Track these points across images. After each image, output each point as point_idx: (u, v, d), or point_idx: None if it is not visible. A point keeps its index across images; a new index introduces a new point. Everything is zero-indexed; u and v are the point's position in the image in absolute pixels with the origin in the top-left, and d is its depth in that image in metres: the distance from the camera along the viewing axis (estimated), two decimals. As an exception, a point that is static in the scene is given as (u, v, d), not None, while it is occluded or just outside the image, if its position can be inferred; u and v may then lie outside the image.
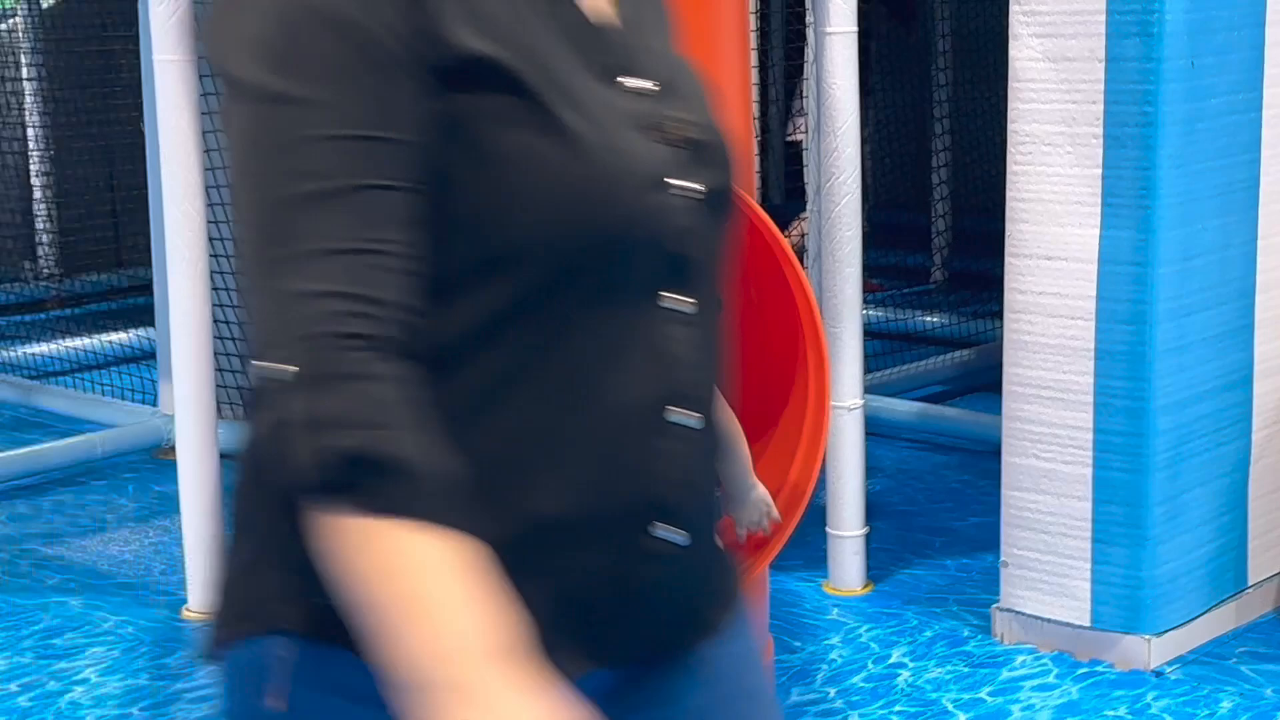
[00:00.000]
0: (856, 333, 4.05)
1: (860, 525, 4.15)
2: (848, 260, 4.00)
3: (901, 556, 4.45)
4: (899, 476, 5.17)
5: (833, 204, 3.99)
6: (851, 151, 3.98)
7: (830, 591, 4.18)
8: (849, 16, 3.93)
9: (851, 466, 4.10)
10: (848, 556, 4.17)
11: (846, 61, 3.94)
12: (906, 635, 3.94)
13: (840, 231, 4.00)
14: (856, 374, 4.06)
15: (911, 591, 4.21)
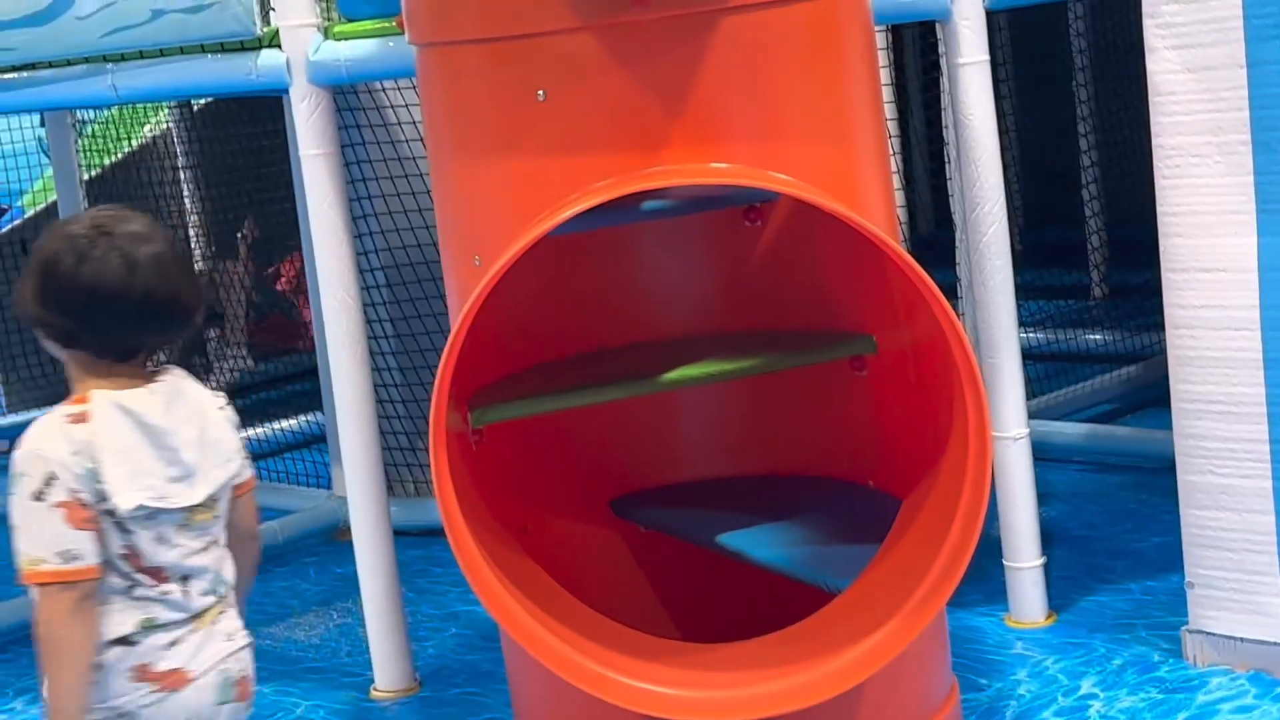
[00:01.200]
0: (1015, 361, 4.00)
1: (1037, 555, 4.09)
2: (1000, 289, 3.96)
3: (1083, 583, 4.37)
4: (1073, 501, 5.08)
5: (979, 234, 3.96)
6: (994, 180, 3.94)
7: (1012, 625, 4.12)
8: (980, 47, 3.90)
9: (1022, 496, 4.04)
10: (1027, 588, 4.11)
11: (981, 91, 3.92)
12: (1095, 664, 3.87)
13: (990, 260, 3.96)
14: (1019, 403, 4.01)
15: (1096, 619, 4.13)
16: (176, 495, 2.57)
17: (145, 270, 2.53)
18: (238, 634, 2.70)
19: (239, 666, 2.68)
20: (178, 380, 2.64)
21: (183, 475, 2.58)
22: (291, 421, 6.98)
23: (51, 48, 4.13)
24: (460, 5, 3.19)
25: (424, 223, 5.31)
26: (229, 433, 2.68)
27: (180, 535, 2.59)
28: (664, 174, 3.09)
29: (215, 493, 2.63)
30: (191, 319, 2.64)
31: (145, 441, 2.55)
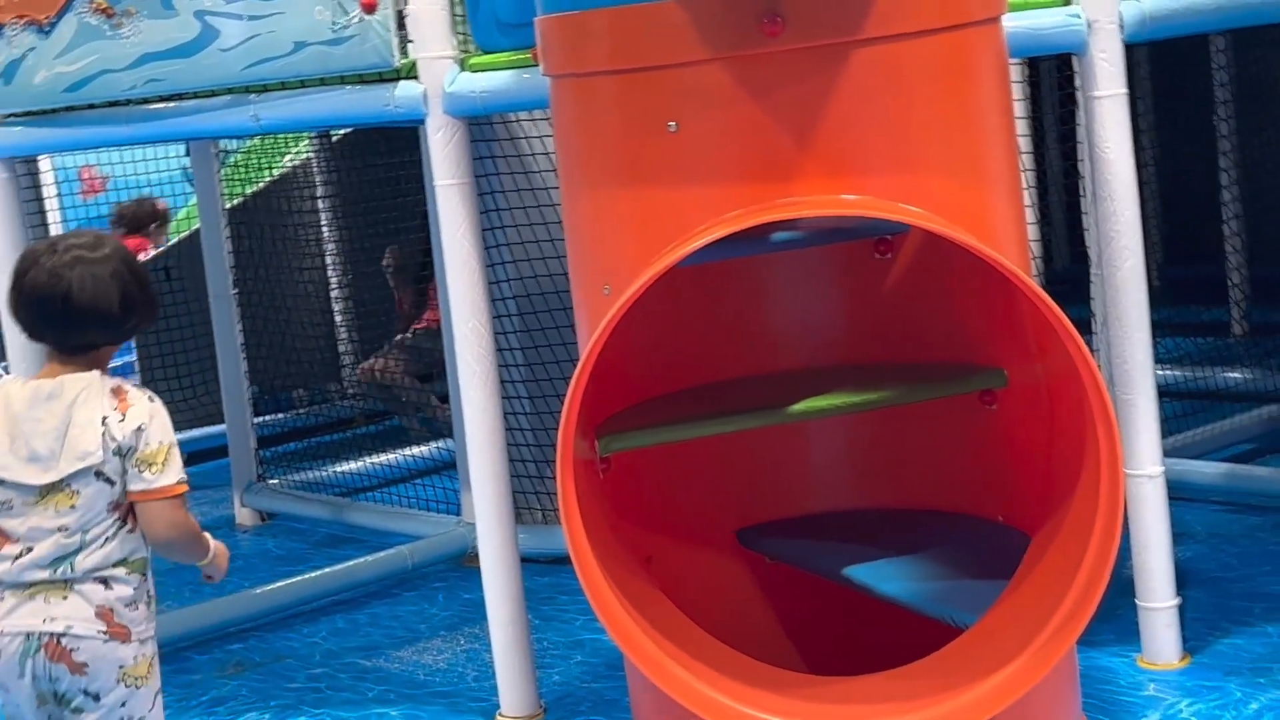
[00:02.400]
0: (1151, 398, 3.94)
1: (1171, 596, 4.01)
2: (1136, 325, 3.91)
3: (1219, 625, 4.28)
4: (1210, 541, 4.98)
5: (1115, 268, 3.91)
6: (1131, 214, 3.89)
7: (1145, 666, 4.05)
8: (1118, 79, 3.86)
9: (1156, 536, 3.97)
10: (1161, 629, 4.03)
11: (1118, 124, 3.87)
12: (1231, 709, 3.79)
13: (1125, 295, 3.91)
14: (1154, 440, 3.95)
15: (1232, 662, 4.04)
16: (21, 472, 2.99)
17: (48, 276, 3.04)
18: (66, 621, 3.00)
19: (50, 642, 2.99)
20: (70, 381, 3.03)
21: (31, 458, 2.99)
22: (423, 448, 7.07)
23: (197, 78, 4.23)
24: (594, 37, 3.22)
25: (555, 252, 5.35)
26: (89, 436, 2.99)
27: (31, 510, 3.01)
28: (794, 205, 3.09)
29: (66, 480, 2.99)
30: (88, 323, 3.04)
31: (15, 420, 3.03)
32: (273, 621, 5.20)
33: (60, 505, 3.00)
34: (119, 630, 3.03)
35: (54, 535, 3.00)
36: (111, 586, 3.03)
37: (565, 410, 3.09)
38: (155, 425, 3.02)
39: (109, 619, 3.02)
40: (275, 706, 4.51)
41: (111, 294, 3.03)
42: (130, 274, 3.06)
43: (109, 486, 3.01)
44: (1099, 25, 3.82)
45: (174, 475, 3.03)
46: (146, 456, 3.00)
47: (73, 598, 3.00)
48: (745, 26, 3.03)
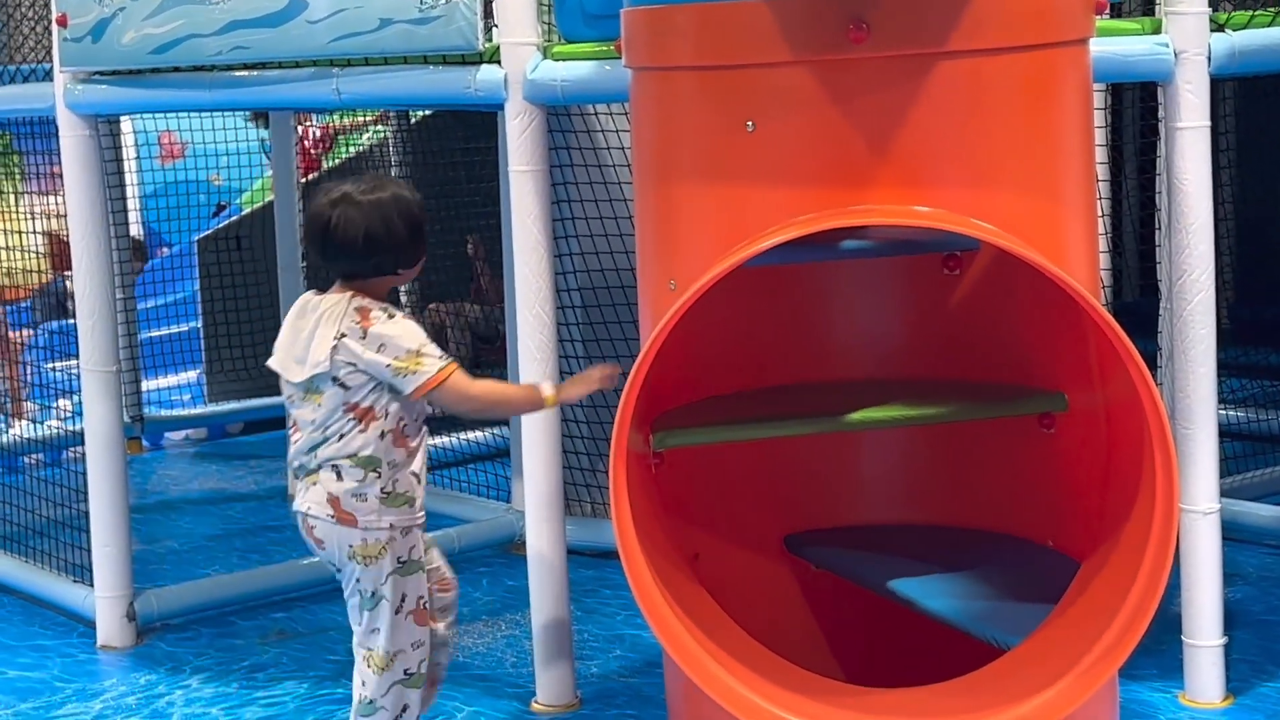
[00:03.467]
0: (1211, 434, 3.91)
1: (1218, 634, 3.98)
2: (1201, 359, 3.87)
3: (1264, 668, 4.24)
4: (1261, 584, 4.94)
5: (1185, 302, 3.88)
6: (1205, 248, 3.86)
7: (1186, 703, 4.01)
8: (1202, 112, 3.83)
9: (1208, 573, 3.94)
10: (1205, 667, 4.00)
11: (1199, 156, 3.84)
12: (1270, 752, 3.76)
13: (1193, 330, 3.88)
14: (1212, 477, 3.92)
15: (1275, 706, 4.00)
16: (291, 370, 3.48)
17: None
18: (308, 504, 3.48)
19: (302, 519, 3.51)
20: (326, 300, 3.49)
21: (297, 359, 3.47)
22: (478, 433, 7.09)
23: (282, 48, 4.26)
24: (678, 32, 3.23)
25: (623, 247, 5.36)
26: (321, 347, 3.41)
27: (301, 404, 3.49)
28: (866, 213, 3.09)
29: (312, 382, 3.44)
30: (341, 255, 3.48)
31: (287, 327, 3.55)
32: (318, 594, 5.23)
33: (313, 402, 3.45)
34: (345, 516, 3.45)
35: (309, 427, 3.46)
36: (341, 478, 3.44)
37: (622, 402, 3.09)
38: (398, 337, 3.40)
39: (336, 505, 3.45)
40: (314, 677, 4.54)
41: (357, 232, 3.42)
42: (384, 218, 3.44)
43: (343, 390, 3.41)
44: (1187, 56, 3.79)
45: (431, 366, 3.39)
46: (400, 365, 3.38)
47: (315, 485, 3.47)
48: (831, 31, 3.03)
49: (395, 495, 3.47)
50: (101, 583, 4.87)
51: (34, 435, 6.83)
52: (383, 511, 3.46)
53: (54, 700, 4.46)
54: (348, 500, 3.45)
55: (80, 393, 4.92)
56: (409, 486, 3.49)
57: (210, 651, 4.79)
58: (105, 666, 4.72)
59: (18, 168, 8.67)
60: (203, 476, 7.00)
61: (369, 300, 3.46)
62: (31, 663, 4.75)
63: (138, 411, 7.31)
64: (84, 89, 4.77)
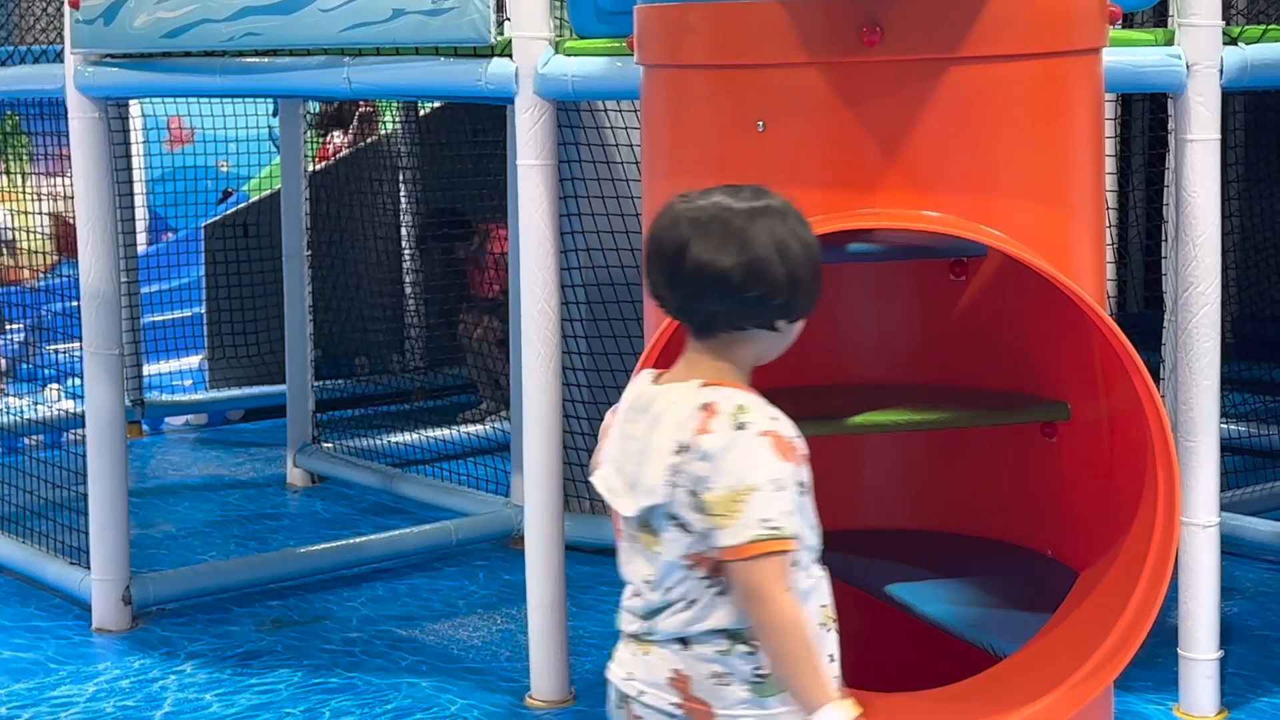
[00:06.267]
0: (1213, 447, 3.91)
1: (1215, 648, 3.98)
2: (1204, 373, 3.87)
3: (1259, 684, 4.24)
4: (1259, 599, 4.94)
5: (1190, 314, 3.88)
6: (1211, 261, 3.86)
7: (1181, 716, 4.01)
8: (1212, 124, 3.83)
9: (1205, 586, 3.93)
10: (1200, 680, 3.99)
11: (1208, 169, 3.84)
12: (1263, 767, 3.76)
13: (1197, 343, 3.88)
14: (1212, 490, 3.91)
15: (1269, 721, 4.01)
16: (619, 498, 2.41)
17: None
18: (639, 685, 2.41)
19: (627, 703, 2.44)
20: (666, 392, 2.40)
21: (627, 483, 2.40)
22: (478, 427, 7.10)
23: (294, 36, 4.26)
24: (691, 30, 3.22)
25: (629, 244, 5.36)
26: (654, 466, 2.34)
27: (631, 546, 2.42)
28: (874, 216, 3.08)
29: (645, 518, 2.38)
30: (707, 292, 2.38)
31: (616, 429, 2.46)
32: (314, 583, 5.24)
33: (648, 547, 2.39)
34: (697, 706, 2.38)
35: (646, 587, 2.40)
36: (698, 653, 2.37)
37: (625, 398, 3.09)
38: (730, 459, 2.31)
39: (684, 689, 2.38)
40: (308, 666, 4.54)
41: (731, 254, 2.35)
42: (776, 238, 2.39)
43: (684, 535, 2.35)
44: (1199, 68, 3.79)
45: (746, 531, 2.28)
46: (710, 503, 2.31)
47: (655, 654, 2.40)
48: (845, 34, 3.03)
49: (771, 680, 2.37)
50: (98, 566, 4.87)
51: (34, 416, 6.83)
52: (755, 703, 2.38)
53: (48, 682, 4.46)
54: (703, 683, 2.37)
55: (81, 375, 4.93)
56: None
57: (205, 637, 4.79)
58: (100, 649, 4.72)
59: (25, 149, 8.67)
60: (202, 462, 7.01)
61: (723, 388, 2.39)
62: (26, 644, 4.75)
63: (139, 396, 7.31)
64: (94, 71, 4.77)
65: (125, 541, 4.89)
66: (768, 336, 2.45)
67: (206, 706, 4.26)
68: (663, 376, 2.44)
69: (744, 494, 2.28)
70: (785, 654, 2.32)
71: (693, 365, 2.42)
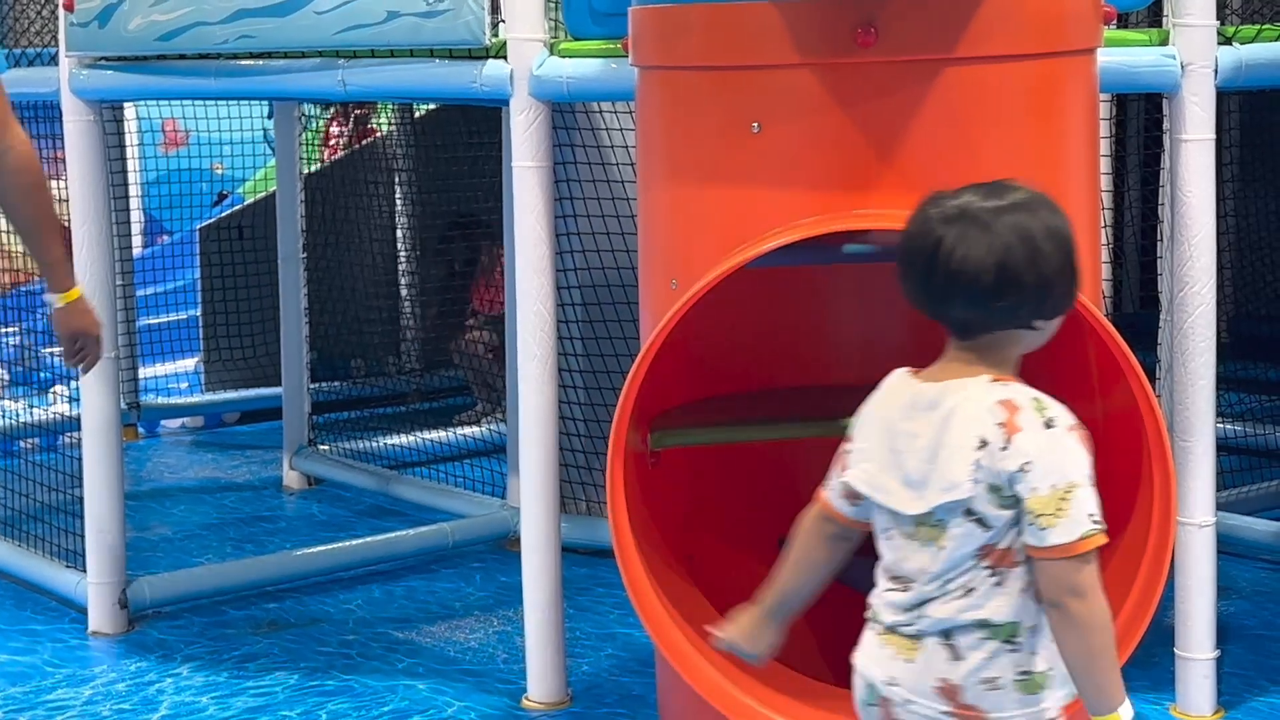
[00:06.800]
0: (1209, 447, 3.91)
1: (1211, 648, 3.98)
2: (1200, 373, 3.87)
3: (1256, 683, 4.24)
4: (1255, 599, 4.94)
5: (1186, 315, 3.88)
6: (1207, 261, 3.86)
7: (1178, 716, 4.01)
8: (1207, 124, 3.83)
9: (1202, 586, 3.93)
10: (1197, 680, 3.99)
11: (1203, 169, 3.84)
12: (1259, 767, 3.76)
13: (1193, 343, 3.88)
14: (1208, 490, 3.91)
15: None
16: (897, 497, 2.42)
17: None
18: (905, 692, 2.42)
19: (885, 708, 2.45)
20: (953, 388, 2.41)
21: (906, 481, 2.42)
22: (474, 429, 7.10)
23: (288, 38, 4.26)
24: (686, 31, 3.22)
25: (624, 246, 5.36)
26: (957, 463, 2.35)
27: (905, 543, 2.44)
28: (870, 217, 3.09)
29: (935, 514, 2.38)
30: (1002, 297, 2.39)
31: (878, 427, 2.48)
32: (310, 585, 5.24)
33: (929, 543, 2.41)
34: (968, 713, 2.39)
35: (920, 578, 2.42)
36: (961, 655, 2.39)
37: (621, 401, 3.09)
38: (1050, 458, 2.34)
39: (954, 698, 2.39)
40: (304, 669, 4.53)
41: (984, 257, 2.36)
42: (1027, 238, 2.38)
43: (979, 529, 2.37)
44: (1193, 68, 3.79)
45: (1077, 528, 2.32)
46: (1034, 505, 2.33)
47: (919, 660, 2.41)
48: (839, 35, 3.03)
49: (1036, 677, 2.41)
50: (94, 569, 4.87)
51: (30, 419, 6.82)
52: (1024, 701, 2.41)
53: (44, 685, 4.46)
54: (974, 690, 2.38)
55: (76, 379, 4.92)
56: (1050, 659, 2.41)
57: (201, 640, 4.78)
58: (96, 653, 4.71)
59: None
60: (198, 465, 7.00)
61: (1011, 383, 2.43)
62: (22, 647, 4.75)
63: (134, 398, 7.30)
64: (89, 74, 4.77)
65: (121, 544, 4.88)
66: (1028, 334, 2.46)
67: (203, 709, 4.25)
68: (929, 373, 2.47)
69: (1069, 492, 2.32)
70: (1095, 650, 2.35)
71: (961, 363, 2.44)
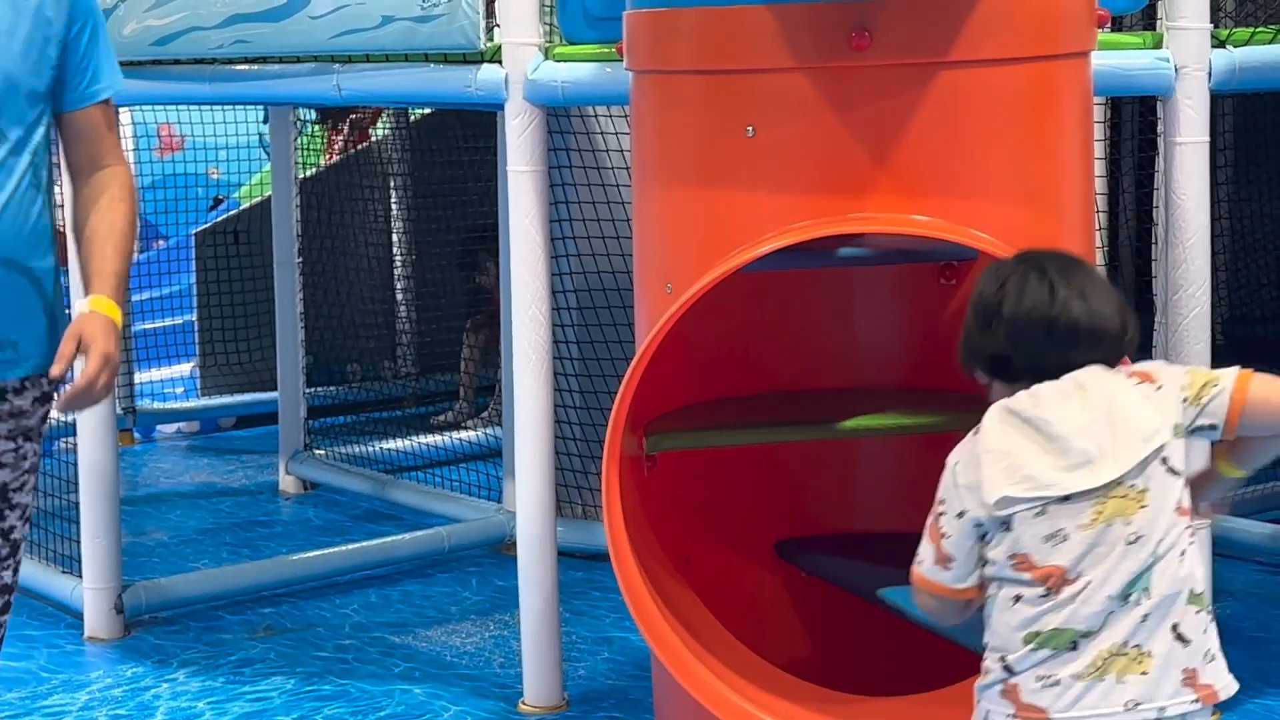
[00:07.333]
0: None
1: (1206, 650, 3.97)
2: (1195, 374, 3.87)
3: (1251, 685, 4.24)
4: (1250, 600, 4.94)
5: (1180, 316, 3.88)
6: (1201, 264, 3.87)
7: (1173, 718, 4.01)
8: (1201, 127, 3.84)
9: (1197, 588, 3.93)
10: (1193, 682, 3.99)
11: (1196, 172, 3.85)
12: (1255, 769, 3.76)
13: (1188, 345, 3.88)
14: (1204, 492, 3.91)
15: (1262, 722, 4.01)
16: (1072, 480, 2.36)
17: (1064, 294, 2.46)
18: (1161, 700, 2.36)
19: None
20: (1082, 373, 2.45)
21: (1079, 464, 2.37)
22: (470, 433, 7.10)
23: (283, 43, 4.26)
24: (681, 35, 3.23)
25: (620, 250, 5.36)
26: (1145, 410, 2.39)
27: (1081, 530, 2.35)
28: (864, 220, 3.09)
29: (1130, 476, 2.35)
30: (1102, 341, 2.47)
31: (1062, 410, 2.41)
32: (306, 590, 5.23)
33: (1124, 509, 2.36)
34: (1207, 691, 2.42)
35: (1122, 550, 2.35)
36: (1186, 637, 2.39)
37: (616, 404, 3.09)
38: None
39: (1194, 680, 2.40)
40: (301, 673, 4.53)
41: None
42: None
43: (1176, 479, 2.38)
44: (1187, 71, 3.80)
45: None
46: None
47: (1143, 667, 2.36)
48: (833, 39, 3.04)
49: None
50: (90, 574, 4.86)
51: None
52: (1222, 662, 2.48)
53: (40, 691, 4.45)
54: (1204, 667, 2.41)
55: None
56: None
57: (198, 645, 4.78)
58: (92, 658, 4.71)
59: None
60: (194, 470, 7.00)
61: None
62: (18, 653, 4.74)
63: (130, 403, 7.30)
64: (84, 79, 4.76)
65: (117, 550, 4.88)
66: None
67: (199, 715, 4.25)
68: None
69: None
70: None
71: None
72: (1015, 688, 2.40)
